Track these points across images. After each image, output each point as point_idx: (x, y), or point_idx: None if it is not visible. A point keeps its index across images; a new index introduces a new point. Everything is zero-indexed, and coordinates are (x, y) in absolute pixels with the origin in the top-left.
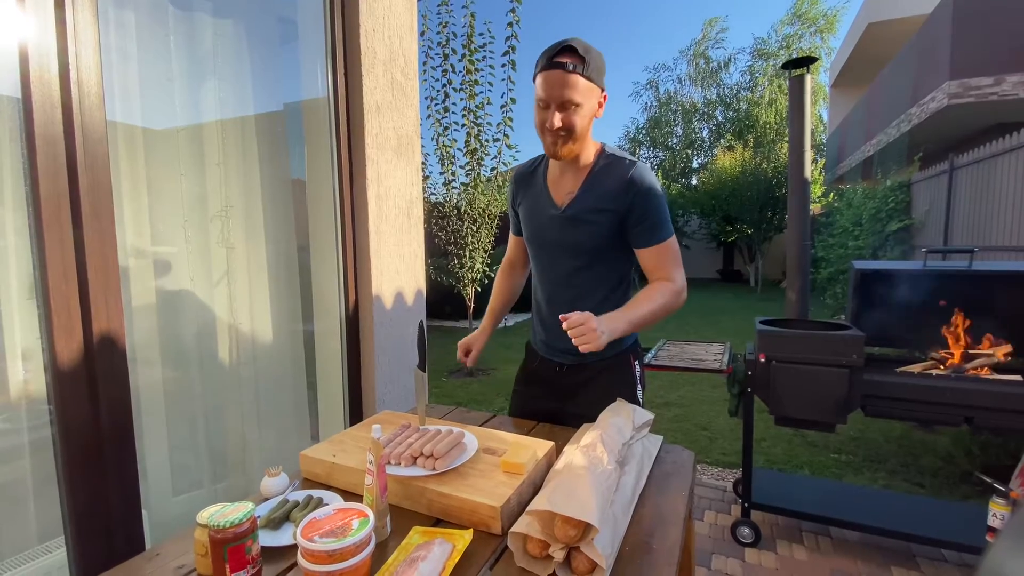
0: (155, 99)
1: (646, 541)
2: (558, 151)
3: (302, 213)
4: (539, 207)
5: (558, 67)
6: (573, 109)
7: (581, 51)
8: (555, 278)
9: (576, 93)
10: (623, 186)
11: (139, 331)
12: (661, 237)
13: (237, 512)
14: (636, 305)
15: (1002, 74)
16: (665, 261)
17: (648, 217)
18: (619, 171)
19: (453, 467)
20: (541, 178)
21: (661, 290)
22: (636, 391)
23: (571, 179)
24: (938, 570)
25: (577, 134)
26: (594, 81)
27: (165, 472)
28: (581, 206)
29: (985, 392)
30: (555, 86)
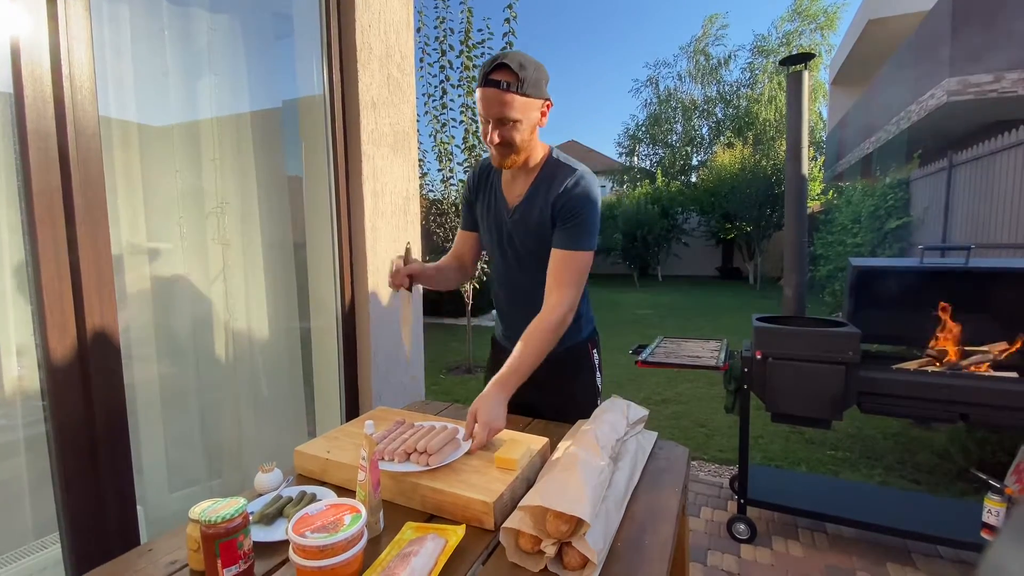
0: (149, 94)
1: (638, 537)
2: (501, 163)
3: (298, 209)
4: (494, 207)
5: (493, 85)
6: (511, 125)
7: (515, 68)
8: (511, 278)
9: (512, 110)
10: (561, 190)
11: (134, 328)
12: (575, 245)
13: (229, 507)
14: (523, 355)
15: (1001, 71)
16: (567, 271)
17: (570, 221)
18: (561, 177)
19: (446, 463)
20: (496, 180)
21: (544, 328)
22: (595, 377)
23: (521, 182)
24: (933, 566)
25: (517, 147)
26: (532, 95)
27: (161, 468)
28: (527, 209)
29: (981, 389)
30: (491, 104)
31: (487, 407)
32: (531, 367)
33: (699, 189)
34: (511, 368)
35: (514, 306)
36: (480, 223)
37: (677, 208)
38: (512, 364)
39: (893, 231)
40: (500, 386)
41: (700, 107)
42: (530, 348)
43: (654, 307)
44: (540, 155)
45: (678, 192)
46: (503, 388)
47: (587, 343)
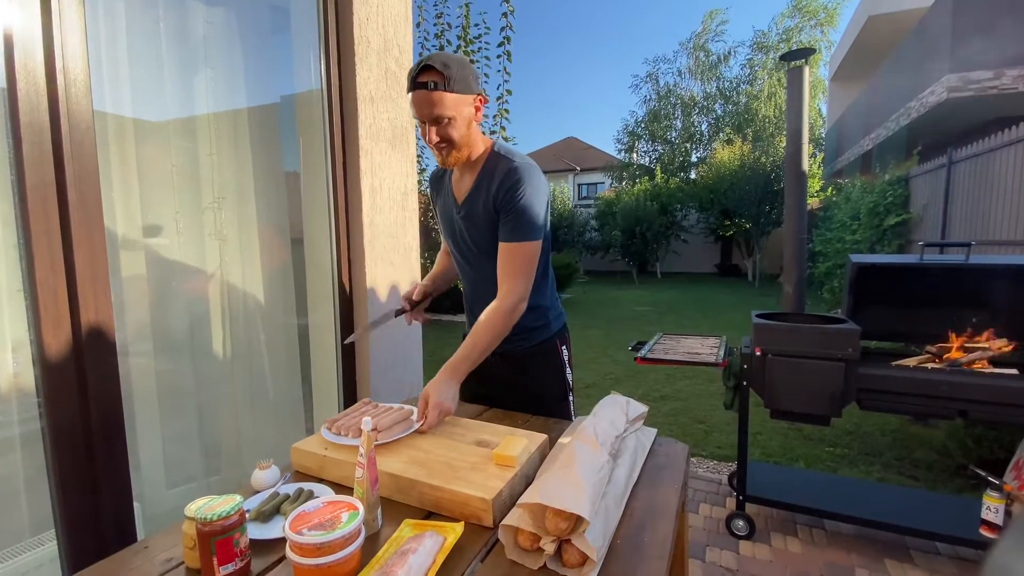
0: (145, 89)
1: (638, 534)
2: (445, 160)
3: (295, 205)
4: (447, 206)
5: (421, 87)
6: (447, 123)
7: (439, 67)
8: (472, 274)
9: (444, 108)
10: (499, 183)
11: (130, 323)
12: (518, 236)
13: (225, 505)
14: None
15: (1002, 68)
16: (512, 263)
17: (512, 212)
18: (501, 169)
19: (394, 439)
20: (448, 179)
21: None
22: (565, 373)
23: (468, 178)
24: (932, 562)
25: (457, 143)
26: (461, 91)
27: (159, 465)
28: (473, 204)
29: (980, 386)
30: (422, 105)
31: (437, 390)
32: (482, 353)
33: (698, 186)
34: (462, 354)
35: (477, 300)
36: (439, 226)
37: (676, 205)
38: (463, 350)
39: (892, 228)
40: (451, 371)
41: (700, 103)
42: (480, 335)
43: (653, 304)
44: (482, 149)
45: (677, 189)
46: (453, 373)
47: (555, 339)
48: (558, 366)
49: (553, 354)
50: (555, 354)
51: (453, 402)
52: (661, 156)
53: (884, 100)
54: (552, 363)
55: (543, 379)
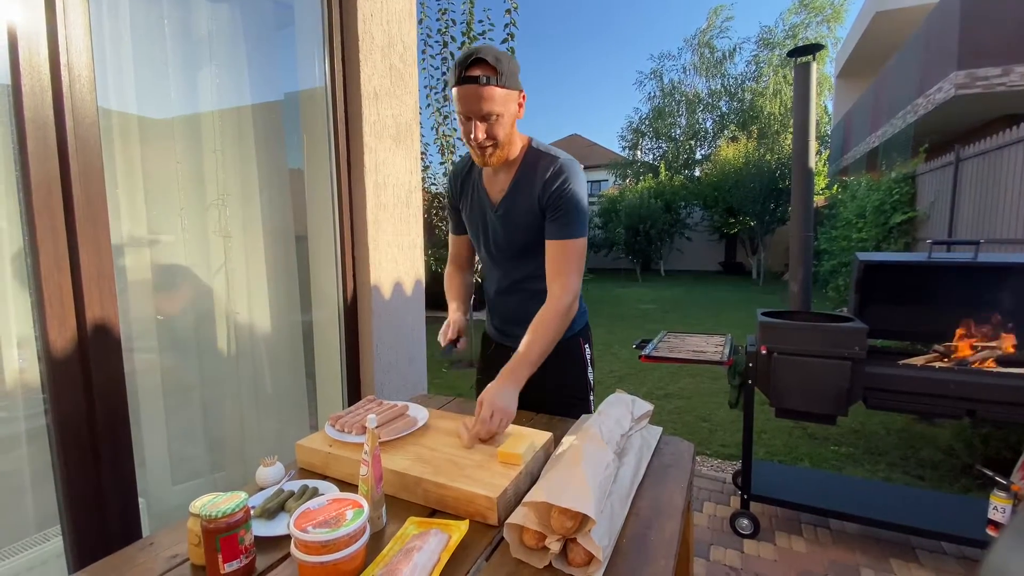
0: (149, 85)
1: (643, 533)
2: (487, 160)
3: (299, 202)
4: (478, 206)
5: (471, 81)
6: (494, 120)
7: (492, 61)
8: (497, 274)
9: (494, 104)
10: (545, 180)
11: (135, 320)
12: (568, 234)
13: (230, 502)
14: (532, 342)
15: (1010, 64)
16: (566, 260)
17: (560, 210)
18: (544, 166)
19: (398, 437)
20: (477, 177)
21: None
22: (587, 372)
23: (503, 176)
24: (938, 562)
25: (502, 142)
26: (509, 87)
27: (164, 462)
28: (511, 203)
29: (988, 385)
30: (472, 100)
31: (497, 395)
32: (541, 355)
33: (702, 183)
34: (521, 357)
35: (504, 300)
36: (465, 222)
37: (680, 202)
38: (520, 354)
39: (898, 226)
40: (509, 376)
41: (704, 100)
42: (539, 336)
43: (657, 302)
44: (520, 147)
45: (681, 186)
46: (511, 378)
47: (578, 338)
48: (580, 364)
49: (576, 352)
50: (578, 352)
51: (513, 407)
52: (665, 153)
53: (891, 97)
54: (574, 361)
55: (565, 377)
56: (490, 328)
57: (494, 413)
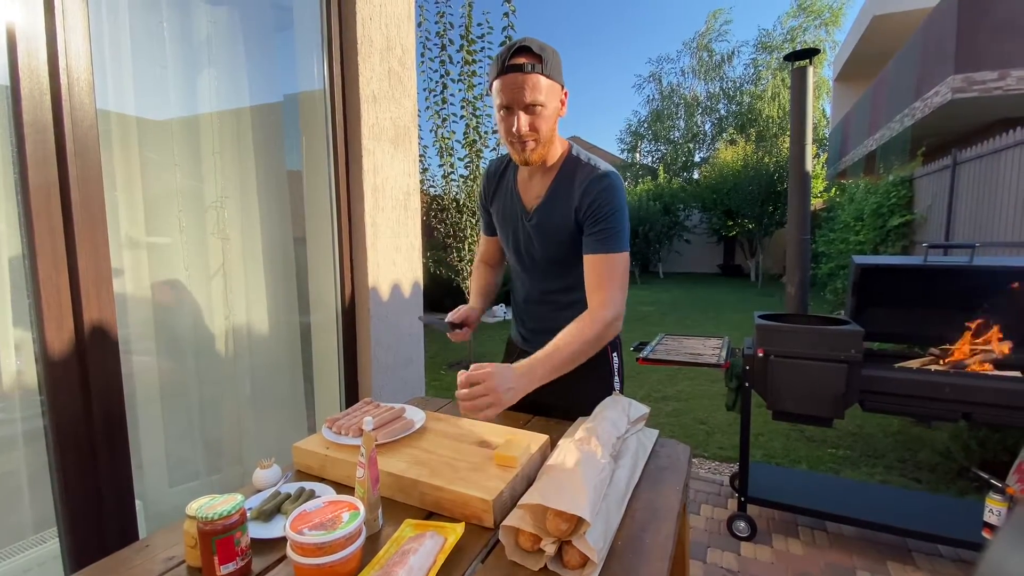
0: (148, 88)
1: (639, 535)
2: (528, 157)
3: (298, 204)
4: (511, 211)
5: (516, 70)
6: (538, 111)
7: (537, 50)
8: (527, 283)
9: (539, 93)
10: (583, 192)
11: (133, 322)
12: (610, 248)
13: (226, 504)
14: (558, 346)
15: (1007, 68)
16: (608, 276)
17: (600, 223)
18: (583, 177)
19: (395, 439)
20: (511, 180)
21: (588, 324)
22: (613, 381)
23: (539, 182)
24: (934, 565)
25: (544, 137)
26: (554, 79)
27: (161, 464)
28: (546, 212)
29: (984, 388)
30: (516, 89)
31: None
32: (566, 361)
33: (701, 186)
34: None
35: (533, 309)
36: (497, 226)
37: (679, 205)
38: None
39: (896, 229)
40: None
41: (703, 103)
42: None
43: (655, 304)
44: (559, 152)
45: (680, 189)
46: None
47: (607, 345)
48: (606, 373)
49: (602, 359)
50: (605, 359)
51: (511, 398)
52: (664, 156)
53: (888, 100)
54: (601, 369)
55: (590, 385)
56: (515, 334)
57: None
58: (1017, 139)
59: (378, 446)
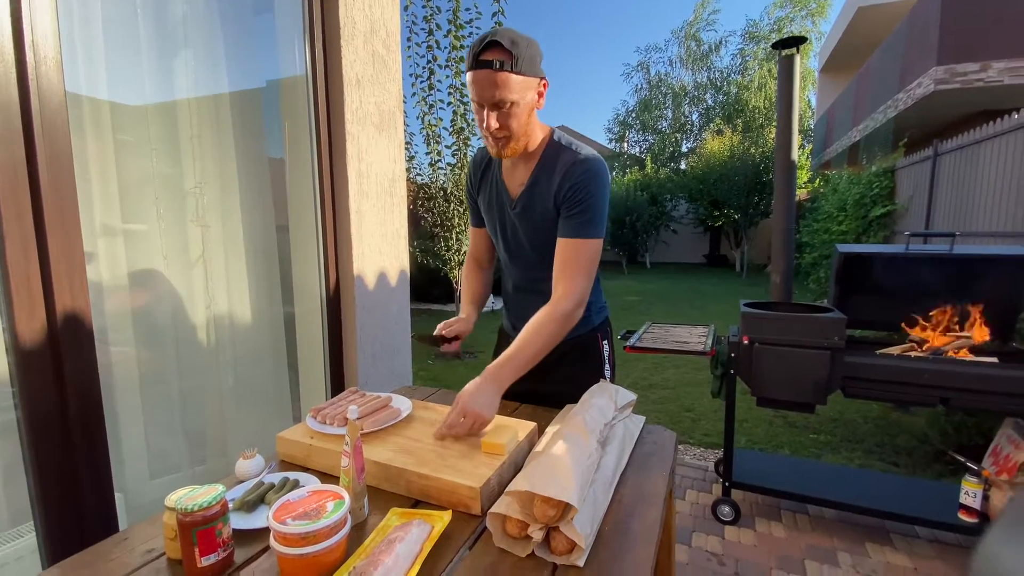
0: (122, 71)
1: (625, 520)
2: (501, 152)
3: (280, 190)
4: (497, 200)
5: (485, 66)
6: (508, 108)
7: (507, 45)
8: (519, 273)
9: (508, 91)
10: (564, 175)
11: (111, 311)
12: (583, 233)
13: (207, 495)
14: (519, 348)
15: (988, 60)
16: (575, 263)
17: (576, 207)
18: (564, 162)
19: (380, 428)
20: (496, 169)
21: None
22: (604, 369)
23: (522, 169)
24: (911, 545)
25: (516, 133)
26: (527, 74)
27: (142, 455)
28: (529, 200)
29: (961, 374)
30: (485, 87)
31: (472, 395)
32: (530, 359)
33: (688, 176)
34: (508, 357)
35: (522, 298)
36: (484, 217)
37: (666, 195)
38: (509, 353)
39: (878, 219)
40: (492, 376)
41: (690, 93)
42: (532, 339)
43: (642, 294)
44: (540, 138)
45: (667, 179)
46: (494, 378)
47: (597, 333)
48: (597, 361)
49: (593, 348)
50: (595, 348)
51: (490, 410)
52: (652, 146)
53: (872, 91)
54: (591, 358)
55: (580, 374)
56: (506, 323)
57: (466, 416)
58: (997, 130)
59: (364, 435)
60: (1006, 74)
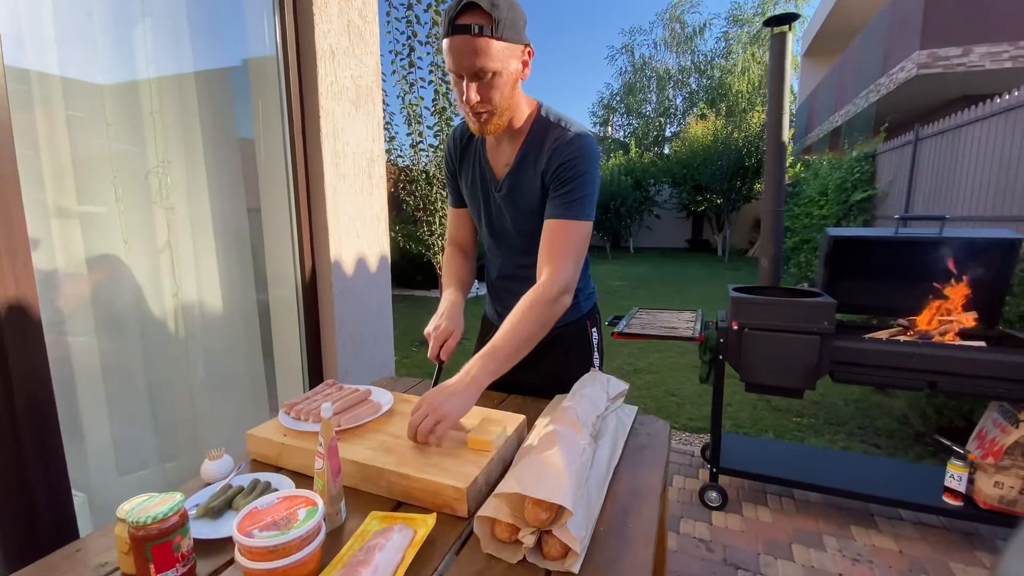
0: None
1: (621, 519)
2: (483, 128)
3: (250, 169)
4: (480, 180)
5: (463, 31)
6: (490, 78)
7: (487, 7)
8: (504, 259)
9: (488, 59)
10: (552, 153)
11: (67, 300)
12: (571, 213)
13: (163, 505)
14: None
15: (970, 45)
16: (562, 245)
17: (565, 187)
18: (554, 138)
19: (359, 424)
20: (479, 147)
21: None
22: (593, 358)
23: (508, 148)
24: (895, 528)
25: (499, 106)
26: (510, 40)
27: (108, 452)
28: (515, 181)
29: (949, 358)
30: (463, 55)
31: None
32: (517, 351)
33: (671, 161)
34: (492, 350)
35: (507, 284)
36: (466, 198)
37: (650, 180)
38: (495, 345)
39: (858, 203)
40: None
41: (674, 77)
42: (515, 329)
43: (626, 279)
44: (526, 113)
45: (651, 164)
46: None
47: (585, 320)
48: (586, 350)
49: (582, 336)
50: (584, 336)
51: (458, 409)
52: (636, 130)
53: (854, 76)
54: (580, 346)
55: (569, 363)
56: (490, 311)
57: (429, 414)
58: (977, 115)
59: (341, 432)
60: (987, 59)
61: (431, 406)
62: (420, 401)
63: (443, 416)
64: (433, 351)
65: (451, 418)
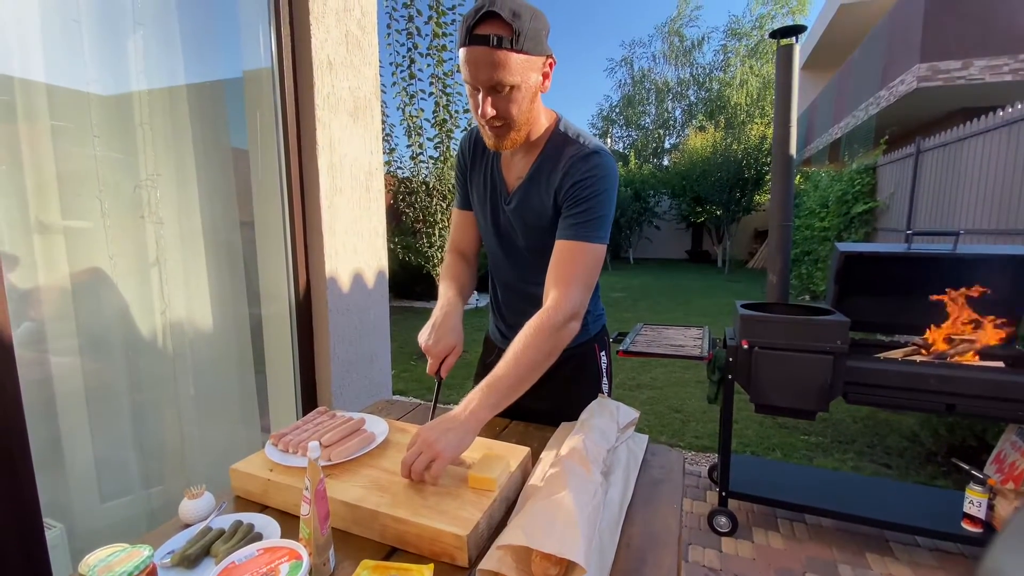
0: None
1: (638, 569)
2: (499, 143)
3: (243, 182)
4: (491, 190)
5: (481, 42)
6: (508, 92)
7: (507, 17)
8: (511, 271)
9: (507, 73)
10: (567, 170)
11: (49, 319)
12: (583, 236)
13: (128, 561)
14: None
15: (970, 58)
16: (572, 268)
17: (579, 205)
18: (570, 154)
19: (351, 458)
20: (493, 155)
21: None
22: (602, 383)
23: (522, 160)
24: (912, 556)
25: (516, 121)
26: (531, 52)
27: (91, 478)
28: (526, 195)
29: (969, 379)
30: (480, 67)
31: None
32: (522, 381)
33: (671, 172)
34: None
35: (515, 299)
36: (473, 204)
37: (649, 191)
38: (497, 376)
39: (859, 216)
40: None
41: (673, 89)
42: (517, 360)
43: (626, 290)
44: (544, 126)
45: (650, 175)
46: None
47: (594, 344)
48: (594, 374)
49: (589, 360)
50: (592, 360)
51: (454, 449)
52: (635, 142)
53: (854, 89)
54: (588, 370)
55: (576, 388)
56: (494, 331)
57: (424, 451)
58: (979, 128)
59: (332, 467)
60: (987, 72)
61: (426, 442)
62: (415, 436)
63: (438, 454)
64: (432, 367)
65: (446, 457)
